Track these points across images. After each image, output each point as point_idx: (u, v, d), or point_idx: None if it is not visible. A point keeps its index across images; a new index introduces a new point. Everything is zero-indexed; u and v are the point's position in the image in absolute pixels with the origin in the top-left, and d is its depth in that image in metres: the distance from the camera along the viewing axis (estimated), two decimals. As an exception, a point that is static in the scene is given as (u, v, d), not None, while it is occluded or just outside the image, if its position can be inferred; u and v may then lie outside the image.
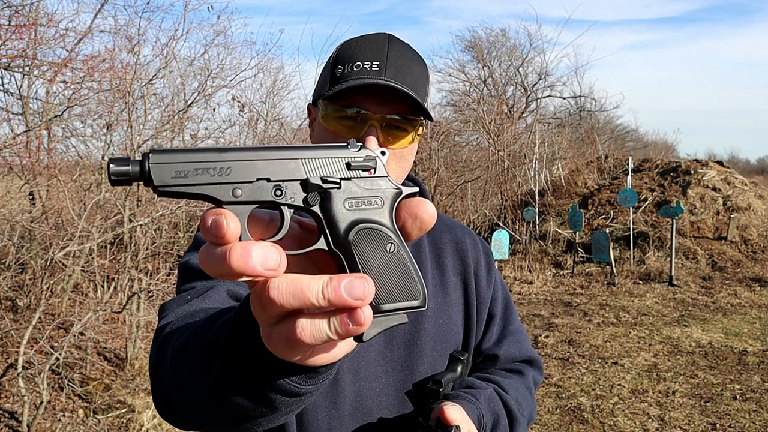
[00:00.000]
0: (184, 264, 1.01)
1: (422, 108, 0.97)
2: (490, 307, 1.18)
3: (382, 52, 0.96)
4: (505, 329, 1.19)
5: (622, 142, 23.51)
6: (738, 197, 10.91)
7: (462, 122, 16.21)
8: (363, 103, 0.96)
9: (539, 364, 1.22)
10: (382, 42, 0.98)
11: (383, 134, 0.97)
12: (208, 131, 8.41)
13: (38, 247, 5.16)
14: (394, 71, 0.95)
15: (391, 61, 0.96)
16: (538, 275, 9.03)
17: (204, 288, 0.93)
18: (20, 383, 3.67)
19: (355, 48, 0.97)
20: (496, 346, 1.17)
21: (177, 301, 0.94)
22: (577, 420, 4.15)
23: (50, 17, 6.18)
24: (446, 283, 1.12)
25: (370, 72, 0.94)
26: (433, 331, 1.07)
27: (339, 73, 0.96)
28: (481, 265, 1.18)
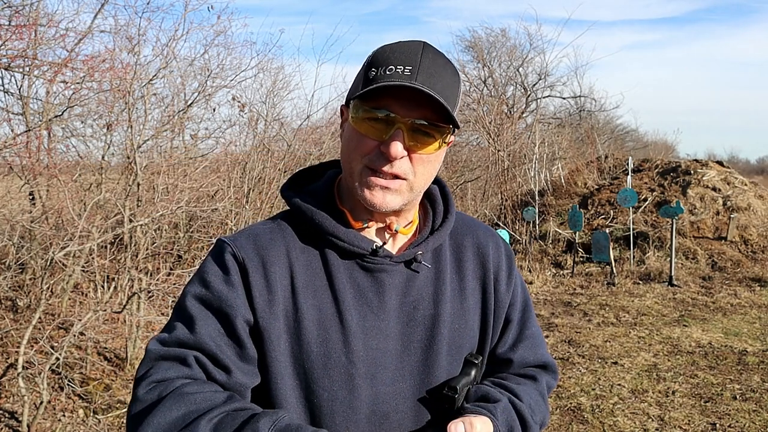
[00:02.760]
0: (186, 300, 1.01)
1: (450, 116, 0.97)
2: (507, 312, 1.17)
3: (416, 58, 0.97)
4: (521, 333, 1.18)
5: (622, 142, 23.52)
6: (738, 197, 10.91)
7: (462, 122, 16.20)
8: (392, 106, 0.97)
9: (554, 368, 1.22)
10: (416, 48, 0.99)
11: (410, 138, 0.98)
12: (208, 131, 8.41)
13: (38, 247, 5.16)
14: (425, 77, 0.96)
15: (423, 66, 0.97)
16: (538, 275, 9.03)
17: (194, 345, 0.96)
18: (20, 383, 3.67)
19: (390, 52, 0.99)
20: (510, 350, 1.17)
21: (169, 356, 0.95)
22: (577, 420, 4.15)
23: (50, 17, 6.18)
24: (465, 287, 1.13)
25: (402, 76, 0.95)
26: (449, 336, 1.08)
27: (372, 75, 0.98)
28: (501, 269, 1.18)
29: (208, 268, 1.02)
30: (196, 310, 0.98)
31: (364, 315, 1.02)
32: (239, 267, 1.01)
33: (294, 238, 1.06)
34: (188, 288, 1.02)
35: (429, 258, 1.10)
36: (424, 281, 1.08)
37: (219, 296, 0.98)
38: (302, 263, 1.03)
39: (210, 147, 8.31)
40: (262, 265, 1.01)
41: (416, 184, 1.02)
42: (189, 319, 0.98)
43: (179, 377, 0.92)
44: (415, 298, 1.06)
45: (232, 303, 0.98)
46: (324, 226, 1.04)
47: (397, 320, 1.04)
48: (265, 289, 1.00)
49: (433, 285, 1.09)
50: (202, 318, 0.98)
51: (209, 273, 1.01)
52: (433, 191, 1.17)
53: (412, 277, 1.07)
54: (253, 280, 1.00)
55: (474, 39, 20.95)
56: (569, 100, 21.03)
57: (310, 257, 1.05)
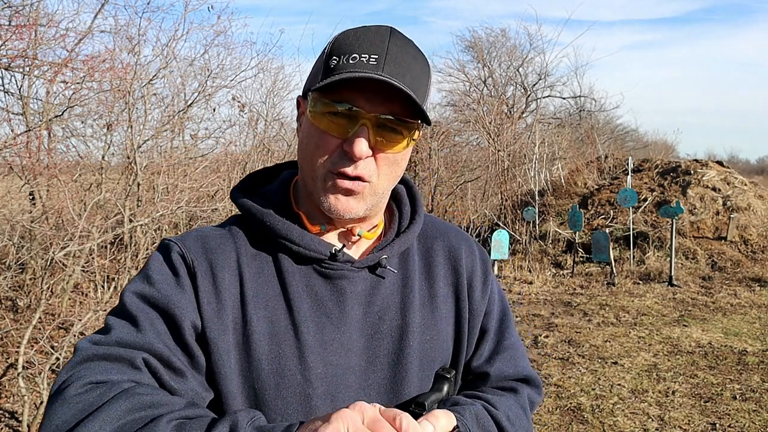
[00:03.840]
0: (127, 298, 0.88)
1: (420, 110, 0.87)
2: (483, 321, 1.06)
3: (382, 46, 0.87)
4: (498, 345, 1.07)
5: (622, 142, 23.53)
6: (738, 197, 10.91)
7: (462, 122, 16.22)
8: (356, 99, 0.86)
9: (537, 383, 1.09)
10: (383, 35, 0.89)
11: (375, 135, 0.87)
12: (208, 131, 8.42)
13: (38, 247, 5.16)
14: (392, 67, 0.86)
15: (391, 55, 0.86)
16: (538, 275, 9.03)
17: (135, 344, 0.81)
18: (20, 383, 3.67)
19: (354, 39, 0.88)
20: (487, 363, 1.05)
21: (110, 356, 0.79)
22: (577, 420, 4.15)
23: (50, 17, 6.18)
24: (435, 294, 1.02)
25: (367, 65, 0.85)
26: (420, 348, 0.96)
27: (333, 64, 0.87)
28: (476, 275, 1.07)
29: (154, 266, 0.91)
30: (140, 309, 0.86)
31: (323, 327, 0.91)
32: (187, 269, 0.90)
33: (245, 244, 0.95)
34: (130, 286, 0.89)
35: (395, 263, 1.00)
36: (390, 288, 0.97)
37: (166, 296, 0.87)
38: (253, 270, 0.93)
39: (210, 147, 8.32)
40: (210, 270, 0.91)
41: (379, 187, 0.92)
42: (132, 318, 0.85)
43: (125, 380, 0.76)
44: (381, 308, 0.96)
45: (181, 305, 0.87)
46: (276, 229, 0.93)
47: (361, 332, 0.93)
48: (214, 297, 0.89)
49: (400, 292, 0.98)
50: (147, 317, 0.85)
51: (155, 271, 0.90)
52: (400, 191, 1.08)
53: (377, 284, 0.97)
54: (202, 286, 0.89)
55: (474, 39, 20.96)
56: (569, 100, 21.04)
57: (261, 264, 0.94)
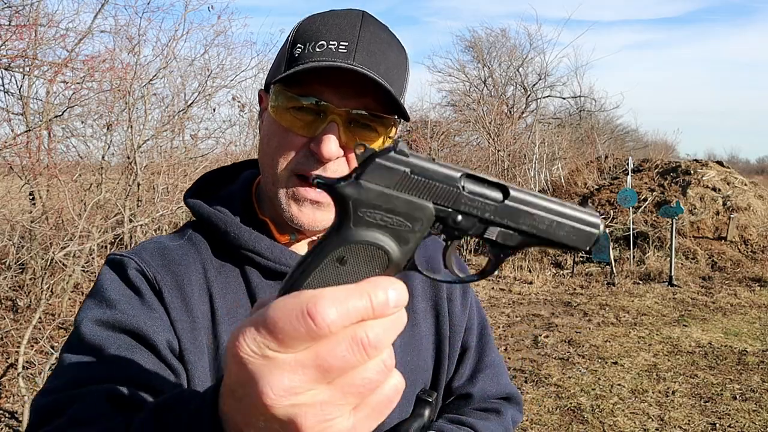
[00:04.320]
0: (83, 328, 0.73)
1: (397, 104, 0.78)
2: (464, 338, 1.00)
3: (353, 32, 0.78)
4: (479, 362, 1.01)
5: (622, 142, 23.54)
6: (738, 197, 10.91)
7: (462, 122, 16.23)
8: (324, 93, 0.77)
9: (518, 399, 1.05)
10: (354, 20, 0.79)
11: (346, 133, 0.78)
12: (208, 131, 8.42)
13: (38, 247, 5.16)
14: (365, 56, 0.76)
15: (362, 43, 0.77)
16: (538, 275, 9.03)
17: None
18: (20, 383, 3.67)
19: (321, 24, 0.79)
20: (469, 383, 0.99)
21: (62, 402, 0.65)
22: (577, 420, 4.15)
23: (50, 17, 6.18)
24: (414, 311, 0.94)
25: (336, 54, 0.76)
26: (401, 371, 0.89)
27: (297, 53, 0.78)
28: (455, 288, 1.00)
29: (110, 286, 0.77)
30: (103, 338, 0.72)
31: None
32: (149, 285, 0.78)
33: (209, 255, 0.84)
34: (85, 314, 0.75)
35: None
36: None
37: (133, 316, 0.74)
38: (221, 285, 0.82)
39: (210, 147, 8.32)
40: (176, 284, 0.79)
41: None
42: (94, 349, 0.71)
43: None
44: None
45: (151, 323, 0.74)
46: (242, 241, 0.82)
47: None
48: (185, 314, 0.78)
49: None
50: (114, 345, 0.71)
51: (113, 291, 0.76)
52: None
53: None
54: (170, 302, 0.77)
55: (474, 39, 20.96)
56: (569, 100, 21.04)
57: (228, 278, 0.84)
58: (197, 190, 0.92)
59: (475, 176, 0.47)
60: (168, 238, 0.87)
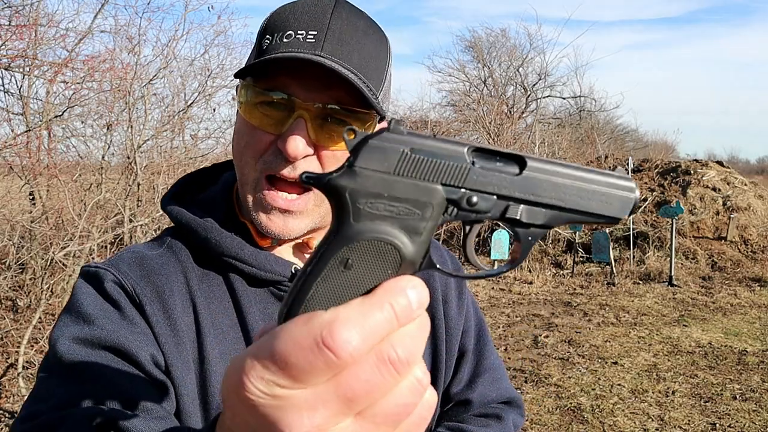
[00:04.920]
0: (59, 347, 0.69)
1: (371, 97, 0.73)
2: (461, 341, 0.96)
3: (323, 20, 0.72)
4: (478, 366, 0.97)
5: (622, 142, 23.53)
6: (738, 197, 10.91)
7: (462, 122, 16.23)
8: (291, 86, 0.72)
9: (519, 403, 1.01)
10: (325, 6, 0.74)
11: (315, 130, 0.73)
12: (208, 131, 8.42)
13: (38, 247, 5.16)
14: (335, 45, 0.71)
15: (333, 30, 0.72)
16: (538, 275, 9.03)
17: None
18: (20, 383, 3.67)
19: (290, 13, 0.74)
20: (468, 388, 0.95)
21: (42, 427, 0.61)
22: (577, 420, 4.15)
23: (50, 17, 6.19)
24: None
25: (303, 44, 0.71)
26: None
27: (266, 44, 0.73)
28: (450, 289, 0.95)
29: (87, 301, 0.72)
30: (82, 356, 0.67)
31: None
32: (129, 298, 0.73)
33: (190, 262, 0.79)
34: (61, 332, 0.70)
35: None
36: None
37: (113, 331, 0.69)
38: (204, 295, 0.78)
39: (210, 147, 8.32)
40: (157, 296, 0.74)
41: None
42: (73, 370, 0.67)
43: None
44: None
45: (133, 337, 0.70)
46: (224, 247, 0.77)
47: None
48: (168, 329, 0.73)
49: None
50: (94, 364, 0.67)
51: (90, 306, 0.72)
52: None
53: None
54: (151, 315, 0.73)
55: (474, 39, 20.95)
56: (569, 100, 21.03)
57: (211, 286, 0.79)
58: (176, 194, 0.87)
59: (485, 149, 0.42)
60: (146, 246, 0.82)
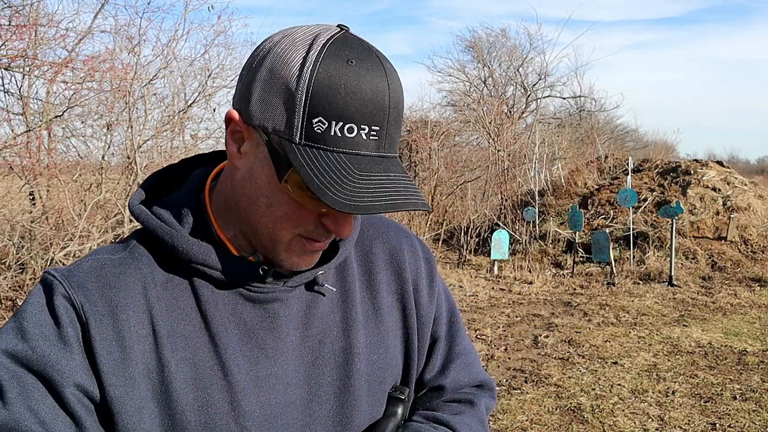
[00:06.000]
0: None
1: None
2: (433, 329, 0.96)
3: (382, 110, 0.67)
4: (450, 352, 0.97)
5: (622, 142, 23.55)
6: (738, 197, 10.92)
7: (462, 122, 16.24)
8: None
9: (491, 386, 1.02)
10: (381, 87, 0.67)
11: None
12: (208, 131, 8.42)
13: (38, 247, 5.17)
14: (391, 137, 0.69)
15: (390, 121, 0.68)
16: (538, 275, 9.03)
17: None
18: (21, 383, 3.67)
19: (346, 94, 0.65)
20: (441, 374, 0.96)
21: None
22: (577, 420, 4.15)
23: (50, 17, 6.19)
24: (379, 307, 0.90)
25: (368, 144, 0.67)
26: (368, 372, 0.85)
27: (318, 128, 0.66)
28: (421, 277, 0.95)
29: (31, 313, 0.72)
30: (10, 373, 0.68)
31: (256, 362, 0.77)
32: (76, 315, 0.72)
33: (151, 269, 0.77)
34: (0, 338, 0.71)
35: (332, 276, 0.86)
36: (328, 306, 0.84)
37: (42, 356, 0.69)
38: (165, 303, 0.76)
39: (210, 147, 8.32)
40: (109, 310, 0.73)
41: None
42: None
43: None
44: (320, 330, 0.82)
45: (61, 366, 0.69)
46: (191, 255, 0.76)
47: (300, 361, 0.80)
48: (116, 345, 0.72)
49: (340, 309, 0.85)
50: (18, 384, 0.68)
51: (31, 322, 0.71)
52: None
53: (313, 302, 0.83)
54: (96, 334, 0.71)
55: (474, 39, 20.98)
56: (569, 100, 21.05)
57: (175, 293, 0.77)
58: (144, 193, 0.84)
59: None
60: (110, 249, 0.80)
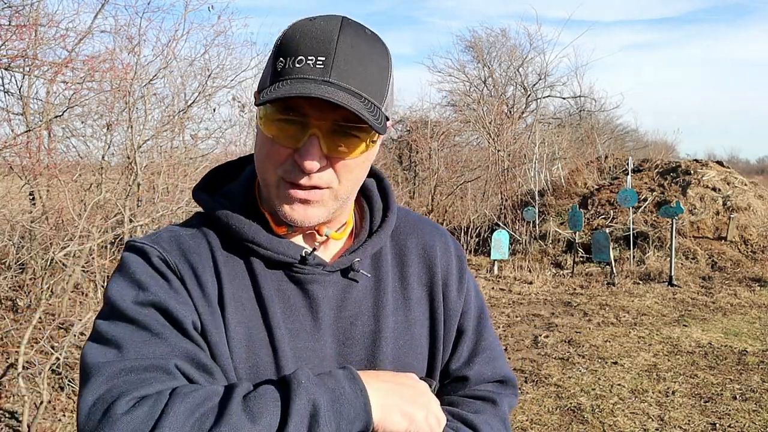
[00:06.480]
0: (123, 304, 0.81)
1: (374, 112, 0.82)
2: (460, 321, 1.03)
3: (330, 45, 0.80)
4: (477, 346, 1.04)
5: (622, 142, 23.54)
6: (738, 197, 10.91)
7: (462, 122, 16.24)
8: (305, 107, 0.81)
9: (513, 383, 1.08)
10: (332, 31, 0.81)
11: (328, 143, 0.83)
12: (208, 131, 8.42)
13: (38, 247, 5.16)
14: (341, 70, 0.80)
15: (340, 55, 0.80)
16: (538, 275, 9.03)
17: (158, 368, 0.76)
18: (20, 383, 3.67)
19: (300, 36, 0.81)
20: (466, 366, 1.02)
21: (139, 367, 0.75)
22: (577, 420, 4.15)
23: (51, 17, 6.19)
24: (409, 297, 0.98)
25: (313, 70, 0.79)
26: (393, 355, 0.94)
27: (280, 67, 0.81)
28: (451, 273, 1.03)
29: (140, 270, 0.84)
30: (146, 315, 0.80)
31: (297, 334, 0.88)
32: (173, 272, 0.85)
33: (217, 244, 0.90)
34: (121, 293, 0.82)
35: (368, 265, 0.95)
36: (362, 292, 0.94)
37: (165, 300, 0.81)
38: (228, 272, 0.88)
39: (210, 147, 8.33)
40: (192, 272, 0.86)
41: (342, 192, 0.88)
42: (142, 325, 0.79)
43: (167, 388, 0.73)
44: (352, 313, 0.92)
45: (181, 307, 0.82)
46: (243, 233, 0.89)
47: (333, 339, 0.90)
48: (204, 300, 0.85)
49: (372, 296, 0.94)
50: (158, 323, 0.80)
51: (144, 275, 0.84)
52: (369, 187, 1.01)
53: (349, 288, 0.93)
54: (191, 289, 0.84)
55: (474, 39, 20.97)
56: (569, 100, 21.05)
57: (235, 266, 0.89)
58: (205, 184, 0.98)
59: None
60: (180, 227, 0.93)
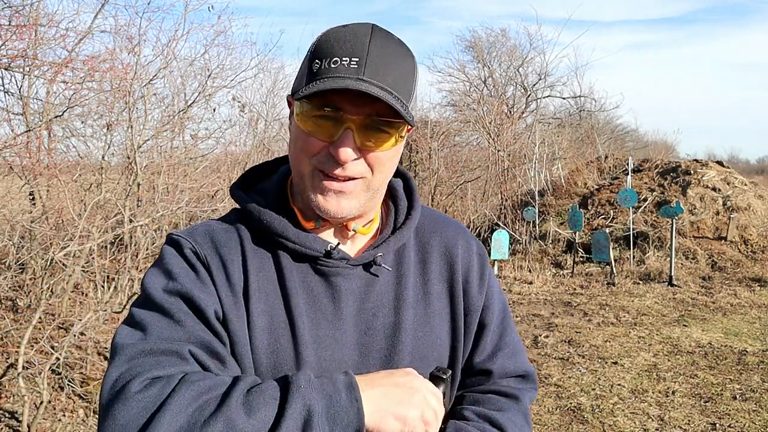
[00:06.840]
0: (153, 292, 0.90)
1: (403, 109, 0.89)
2: (481, 316, 1.07)
3: (363, 47, 0.88)
4: (500, 341, 1.09)
5: (622, 142, 23.54)
6: (738, 197, 10.91)
7: (462, 122, 16.23)
8: (340, 102, 0.88)
9: (534, 377, 1.13)
10: (364, 35, 0.89)
11: (361, 137, 0.90)
12: (208, 131, 8.41)
13: (38, 247, 5.16)
14: (373, 69, 0.87)
15: (372, 56, 0.87)
16: (538, 275, 9.03)
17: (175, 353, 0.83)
18: (20, 383, 3.67)
19: (334, 41, 0.89)
20: (489, 360, 1.07)
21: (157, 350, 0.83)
22: (577, 420, 4.15)
23: (51, 17, 6.18)
24: (429, 292, 1.03)
25: (348, 69, 0.86)
26: (412, 346, 0.99)
27: (316, 68, 0.88)
28: (472, 270, 1.07)
29: (172, 261, 0.93)
30: (170, 303, 0.88)
31: (318, 323, 0.94)
32: (203, 265, 0.93)
33: (248, 239, 0.98)
34: (153, 281, 0.91)
35: (390, 260, 1.02)
36: (384, 286, 0.99)
37: (190, 289, 0.89)
38: (255, 265, 0.96)
39: (210, 147, 8.32)
40: (221, 264, 0.94)
41: (373, 183, 0.94)
42: (165, 312, 0.87)
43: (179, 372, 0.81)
44: (374, 305, 0.98)
45: (205, 297, 0.89)
46: (273, 227, 0.96)
47: (354, 329, 0.96)
48: (229, 290, 0.92)
49: (394, 290, 1.00)
50: (180, 310, 0.88)
51: (174, 266, 0.92)
52: (396, 185, 1.07)
53: (371, 281, 0.99)
54: (217, 279, 0.92)
55: (474, 39, 20.97)
56: (569, 100, 21.05)
57: (262, 259, 0.97)
58: (242, 183, 1.07)
59: None
60: (216, 222, 1.02)
